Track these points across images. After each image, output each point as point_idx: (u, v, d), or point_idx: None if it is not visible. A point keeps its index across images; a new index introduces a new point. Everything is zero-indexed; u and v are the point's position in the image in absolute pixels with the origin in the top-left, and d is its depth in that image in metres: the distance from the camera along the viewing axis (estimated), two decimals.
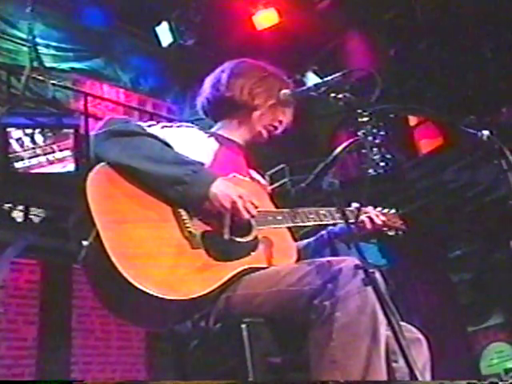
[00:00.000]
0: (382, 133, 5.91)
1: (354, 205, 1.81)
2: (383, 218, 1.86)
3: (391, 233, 1.94)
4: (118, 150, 1.44)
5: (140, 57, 7.11)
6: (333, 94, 1.51)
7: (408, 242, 5.58)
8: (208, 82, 1.82)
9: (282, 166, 6.36)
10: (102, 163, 1.45)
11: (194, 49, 6.61)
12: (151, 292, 1.28)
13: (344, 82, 1.52)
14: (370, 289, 1.28)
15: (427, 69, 6.15)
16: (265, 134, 1.79)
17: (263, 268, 1.50)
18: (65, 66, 6.59)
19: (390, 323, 1.21)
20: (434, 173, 5.87)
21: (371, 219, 1.81)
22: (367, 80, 1.54)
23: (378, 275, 1.33)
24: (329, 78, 1.53)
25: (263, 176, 1.95)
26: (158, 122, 1.67)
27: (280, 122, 1.80)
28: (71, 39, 6.65)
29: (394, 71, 6.16)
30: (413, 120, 6.61)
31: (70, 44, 6.66)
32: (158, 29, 6.55)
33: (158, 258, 1.35)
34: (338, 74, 1.50)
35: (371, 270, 1.27)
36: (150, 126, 1.59)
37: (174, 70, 7.20)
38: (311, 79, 6.81)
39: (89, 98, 6.22)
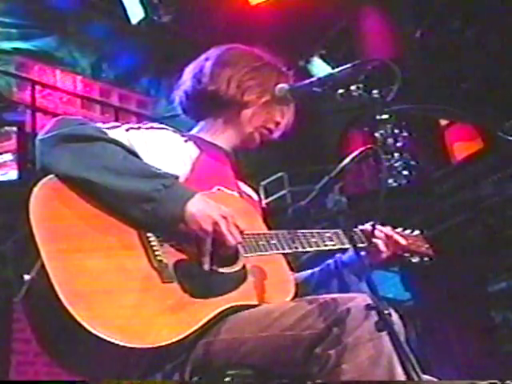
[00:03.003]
0: (404, 134, 5.96)
1: (368, 225, 1.83)
2: (403, 242, 1.87)
3: (415, 259, 1.96)
4: (71, 159, 1.45)
5: (103, 36, 7.13)
6: (341, 90, 1.53)
7: (438, 272, 5.59)
8: (188, 71, 1.84)
9: (280, 174, 6.39)
10: (50, 176, 1.45)
11: (171, 27, 6.64)
12: (109, 339, 1.28)
13: (355, 74, 1.54)
14: (385, 335, 1.29)
15: (462, 55, 6.21)
16: (257, 137, 1.81)
17: (253, 306, 1.51)
18: (6, 45, 6.60)
19: (409, 378, 1.22)
20: (470, 185, 5.90)
21: (388, 242, 1.83)
22: (386, 69, 1.57)
23: (395, 317, 1.35)
24: (336, 70, 1.55)
25: (255, 190, 1.97)
26: (124, 122, 1.69)
27: (276, 123, 1.82)
28: (15, 12, 6.66)
29: (419, 57, 6.22)
30: None
31: (13, 18, 6.67)
32: (125, 1, 6.59)
33: (119, 295, 1.35)
34: (347, 66, 1.53)
35: (386, 311, 1.28)
36: (111, 128, 1.61)
37: (146, 54, 7.23)
38: (318, 66, 6.87)
39: (37, 88, 6.23)
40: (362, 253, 1.56)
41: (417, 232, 2.02)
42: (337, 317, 1.37)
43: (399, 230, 1.95)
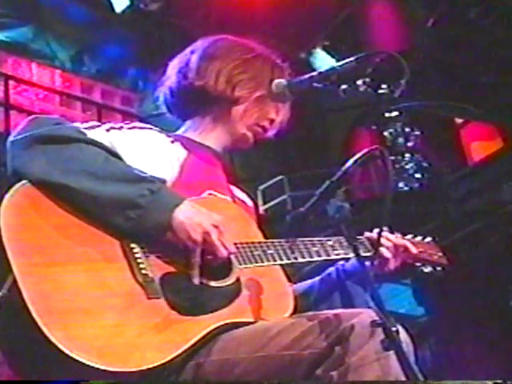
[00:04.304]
0: (416, 132, 5.94)
1: (374, 232, 1.84)
2: (414, 250, 1.89)
3: (427, 269, 1.97)
4: (46, 163, 1.45)
5: (84, 26, 7.13)
6: (344, 86, 1.54)
7: (454, 285, 5.59)
8: (173, 65, 1.86)
9: (279, 177, 6.39)
10: (23, 181, 1.45)
11: (160, 16, 6.65)
12: (88, 362, 1.28)
13: (359, 68, 1.55)
14: (392, 354, 1.30)
15: (479, 46, 6.21)
16: (250, 136, 1.83)
17: (247, 323, 1.52)
18: None
19: None
20: (490, 188, 5.91)
21: (396, 250, 1.84)
22: (394, 62, 1.58)
23: (403, 335, 1.36)
24: (338, 64, 1.56)
25: (249, 195, 1.98)
26: (107, 120, 1.70)
27: (271, 121, 1.83)
28: None
29: (432, 49, 6.22)
30: None
31: None
32: None
33: (99, 313, 1.36)
34: (350, 60, 1.53)
35: (394, 328, 1.29)
36: (90, 128, 1.62)
37: (132, 45, 7.22)
38: (321, 58, 6.87)
39: (11, 83, 6.23)
40: (367, 262, 1.56)
41: (428, 239, 2.03)
42: (339, 334, 1.38)
43: (409, 236, 1.96)
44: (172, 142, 1.74)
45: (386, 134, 5.98)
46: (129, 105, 7.32)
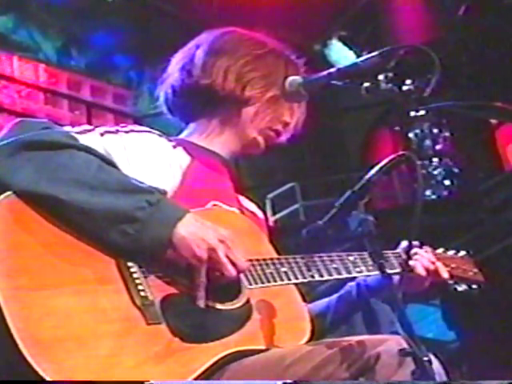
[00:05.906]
0: (445, 134, 5.95)
1: (401, 246, 1.84)
2: (446, 274, 1.88)
3: (461, 288, 1.97)
4: (33, 172, 1.45)
5: (71, 14, 7.17)
6: (366, 84, 1.54)
7: (489, 305, 5.57)
8: (176, 61, 1.86)
9: (291, 184, 6.40)
10: (7, 193, 1.45)
11: (157, 5, 6.69)
12: None
13: (383, 64, 1.55)
14: None
15: None
16: (261, 142, 1.83)
17: (259, 351, 1.52)
18: None
19: None
20: None
21: (428, 267, 1.83)
22: (422, 56, 1.58)
23: (436, 365, 1.36)
24: (360, 59, 1.56)
25: (259, 205, 1.98)
26: (98, 122, 1.71)
27: (285, 124, 1.84)
28: None
29: (463, 41, 6.22)
30: None
31: None
32: None
33: (92, 341, 1.36)
34: (373, 55, 1.54)
35: (425, 358, 1.28)
36: (82, 132, 1.62)
37: (125, 36, 7.26)
38: (337, 51, 6.89)
39: None
40: (395, 278, 1.56)
41: (463, 253, 2.03)
42: (364, 364, 1.38)
43: (440, 250, 1.96)
44: (174, 146, 1.74)
45: (411, 135, 5.96)
46: (122, 103, 7.35)
